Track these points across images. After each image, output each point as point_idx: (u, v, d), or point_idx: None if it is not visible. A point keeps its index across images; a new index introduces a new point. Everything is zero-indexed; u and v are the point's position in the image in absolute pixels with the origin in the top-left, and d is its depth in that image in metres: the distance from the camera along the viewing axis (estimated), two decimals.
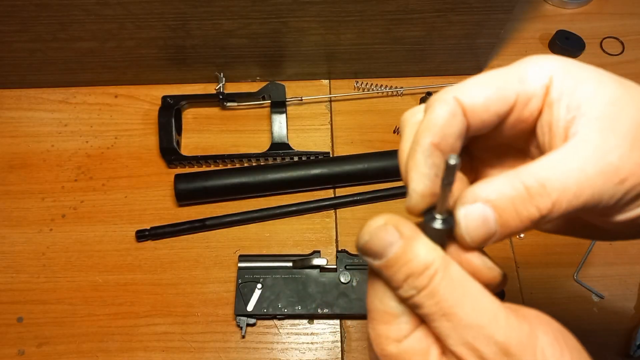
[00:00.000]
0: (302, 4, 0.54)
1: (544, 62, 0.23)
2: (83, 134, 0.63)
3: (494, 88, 0.22)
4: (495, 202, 0.20)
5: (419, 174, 0.22)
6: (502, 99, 0.22)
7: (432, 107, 0.22)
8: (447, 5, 0.56)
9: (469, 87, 0.22)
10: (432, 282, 0.20)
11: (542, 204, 0.20)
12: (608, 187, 0.20)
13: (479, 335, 0.19)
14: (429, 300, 0.20)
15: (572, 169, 0.20)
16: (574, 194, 0.20)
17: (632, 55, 0.70)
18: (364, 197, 0.58)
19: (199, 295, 0.54)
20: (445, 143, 0.22)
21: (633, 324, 0.53)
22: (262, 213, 0.58)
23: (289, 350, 0.52)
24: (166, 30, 0.57)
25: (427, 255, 0.20)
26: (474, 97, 0.22)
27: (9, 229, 0.58)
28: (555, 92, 0.22)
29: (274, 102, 0.62)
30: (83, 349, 0.52)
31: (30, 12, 0.53)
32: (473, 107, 0.22)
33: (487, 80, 0.23)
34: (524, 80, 0.22)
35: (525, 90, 0.22)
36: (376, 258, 0.21)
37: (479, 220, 0.20)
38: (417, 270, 0.20)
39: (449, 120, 0.22)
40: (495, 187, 0.20)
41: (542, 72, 0.22)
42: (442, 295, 0.20)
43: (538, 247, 0.57)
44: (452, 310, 0.20)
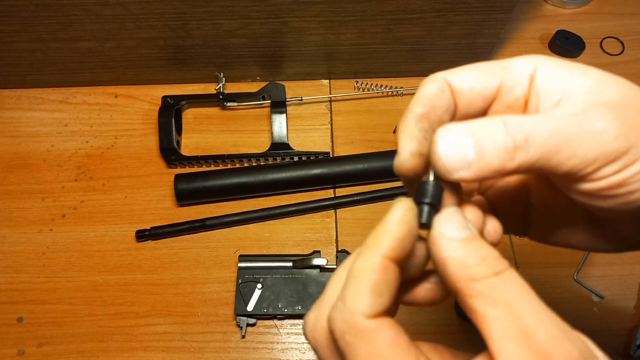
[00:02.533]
0: (302, 4, 0.54)
1: (529, 57, 0.24)
2: (83, 134, 0.63)
3: (479, 73, 0.24)
4: (475, 131, 0.21)
5: (409, 134, 0.23)
6: (486, 83, 0.24)
7: (423, 84, 0.24)
8: (447, 5, 0.56)
9: (457, 71, 0.24)
10: (510, 270, 0.20)
11: (517, 137, 0.20)
12: (584, 138, 0.20)
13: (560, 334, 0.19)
14: (511, 287, 0.19)
15: (551, 117, 0.21)
16: (548, 135, 0.20)
17: (632, 55, 0.70)
18: (364, 197, 0.58)
19: (199, 295, 0.54)
20: (434, 114, 0.23)
21: (633, 324, 0.53)
22: (262, 213, 0.58)
23: (289, 350, 0.52)
24: (166, 30, 0.57)
25: (498, 253, 0.21)
26: (461, 78, 0.24)
27: (9, 229, 0.58)
28: (540, 79, 0.24)
29: (274, 102, 0.62)
30: (83, 349, 0.52)
31: (30, 12, 0.53)
32: (459, 87, 0.24)
33: (473, 67, 0.24)
34: (508, 68, 0.24)
35: (509, 77, 0.24)
36: (455, 233, 0.21)
37: (456, 146, 0.21)
38: (494, 254, 0.20)
39: (437, 94, 0.23)
40: (477, 120, 0.21)
41: (527, 63, 0.24)
42: (520, 286, 0.19)
43: (538, 247, 0.56)
44: (531, 302, 0.19)
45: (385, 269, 0.21)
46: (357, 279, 0.21)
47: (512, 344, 0.18)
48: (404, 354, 0.20)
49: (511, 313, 0.18)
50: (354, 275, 0.21)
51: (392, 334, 0.20)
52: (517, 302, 0.19)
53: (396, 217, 0.21)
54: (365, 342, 0.20)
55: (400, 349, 0.20)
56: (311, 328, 0.23)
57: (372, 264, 0.21)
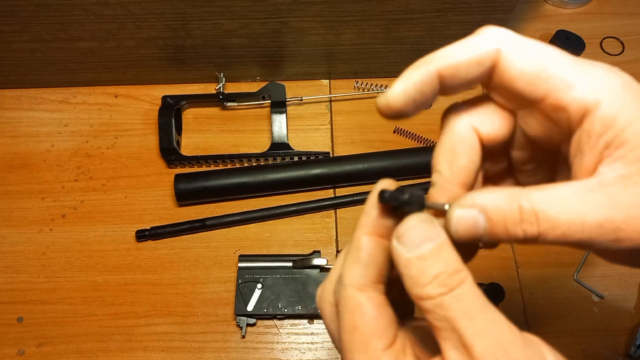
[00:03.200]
0: (302, 4, 0.54)
1: (603, 80, 0.21)
2: (83, 134, 0.63)
3: (535, 69, 0.22)
4: (489, 213, 0.21)
5: (402, 88, 0.23)
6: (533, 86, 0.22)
7: (473, 38, 0.25)
8: (447, 5, 0.56)
9: (519, 48, 0.23)
10: (463, 285, 0.20)
11: (529, 230, 0.20)
12: (602, 240, 0.20)
13: (497, 346, 0.20)
14: (456, 303, 0.20)
15: (571, 211, 0.20)
16: (562, 233, 0.20)
17: (632, 55, 0.70)
18: (364, 197, 0.58)
19: (199, 295, 0.54)
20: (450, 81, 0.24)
21: (633, 324, 0.53)
22: (262, 213, 0.58)
23: (289, 350, 0.52)
24: (166, 30, 0.57)
25: (458, 260, 0.21)
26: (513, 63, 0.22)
27: (9, 229, 0.58)
28: (598, 124, 0.20)
29: (274, 102, 0.62)
30: (83, 349, 0.52)
31: (30, 12, 0.53)
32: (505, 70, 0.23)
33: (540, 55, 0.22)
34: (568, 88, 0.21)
35: (561, 98, 0.21)
36: (412, 249, 0.21)
37: (469, 224, 0.21)
38: (450, 269, 0.21)
39: (470, 63, 0.24)
40: (494, 199, 0.21)
41: (593, 89, 0.21)
42: (469, 301, 0.20)
43: (538, 247, 0.57)
44: (475, 316, 0.20)
45: (368, 244, 0.23)
46: (347, 255, 0.24)
47: (456, 355, 0.20)
48: (379, 331, 0.22)
49: (453, 328, 0.20)
50: (347, 252, 0.24)
51: (373, 312, 0.22)
52: (459, 319, 0.20)
53: (372, 199, 0.24)
54: (348, 312, 0.22)
55: (376, 327, 0.22)
56: (318, 299, 0.26)
57: (356, 242, 0.23)
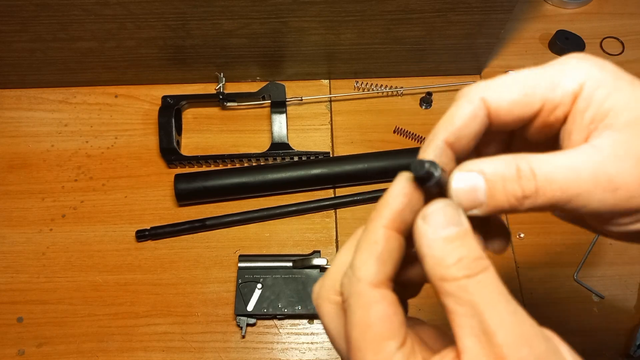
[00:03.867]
0: (302, 4, 0.54)
1: (579, 68, 0.22)
2: (83, 134, 0.63)
3: (522, 93, 0.23)
4: (488, 175, 0.21)
5: (432, 149, 0.23)
6: (528, 105, 0.23)
7: (458, 102, 0.23)
8: (447, 5, 0.56)
9: (497, 87, 0.23)
10: (487, 272, 0.20)
11: (527, 186, 0.21)
12: (597, 192, 0.21)
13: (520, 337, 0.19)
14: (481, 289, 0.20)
15: (566, 166, 0.21)
16: (559, 187, 0.21)
17: (632, 55, 0.70)
18: (364, 197, 0.58)
19: (199, 295, 0.54)
20: (459, 143, 0.23)
21: (633, 324, 0.53)
22: (262, 213, 0.58)
23: (289, 350, 0.52)
24: (166, 30, 0.57)
25: (481, 250, 0.21)
26: (500, 100, 0.23)
27: (9, 229, 0.58)
28: (582, 102, 0.22)
29: (274, 102, 0.62)
30: (83, 349, 0.52)
31: (30, 12, 0.53)
32: (498, 109, 0.23)
33: (516, 82, 0.23)
34: (554, 87, 0.22)
35: (553, 98, 0.22)
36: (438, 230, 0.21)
37: (469, 187, 0.21)
38: (474, 255, 0.20)
39: (468, 121, 0.23)
40: (493, 163, 0.21)
41: (575, 78, 0.22)
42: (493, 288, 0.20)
43: (538, 247, 0.57)
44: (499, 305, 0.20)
45: (387, 239, 0.22)
46: (362, 248, 0.22)
47: (474, 343, 0.19)
48: (393, 330, 0.21)
49: (476, 314, 0.19)
50: (360, 245, 0.22)
51: (388, 310, 0.21)
52: (483, 304, 0.19)
53: (395, 189, 0.23)
54: (362, 309, 0.21)
55: (391, 325, 0.21)
56: (315, 296, 0.25)
57: (374, 234, 0.22)
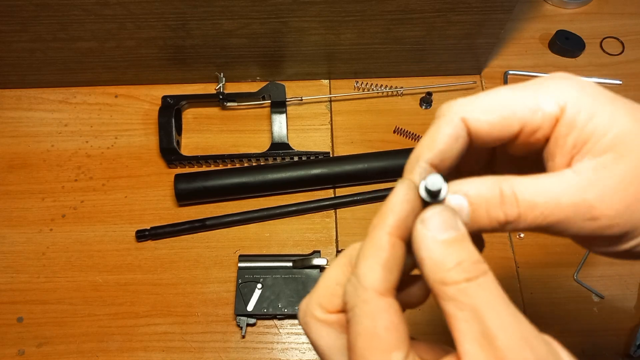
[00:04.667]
0: (302, 4, 0.54)
1: (560, 90, 0.23)
2: (83, 134, 0.63)
3: (500, 116, 0.23)
4: (472, 198, 0.22)
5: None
6: (507, 127, 0.23)
7: (438, 123, 0.24)
8: (447, 5, 0.56)
9: (476, 108, 0.23)
10: (486, 275, 0.20)
11: (509, 212, 0.22)
12: (577, 219, 0.21)
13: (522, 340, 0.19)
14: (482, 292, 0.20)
15: (548, 191, 0.21)
16: (540, 212, 0.21)
17: (632, 55, 0.70)
18: (364, 197, 0.58)
19: (199, 295, 0.54)
20: (442, 164, 0.23)
21: (633, 324, 0.53)
22: (262, 213, 0.58)
23: (289, 350, 0.52)
24: (166, 30, 0.57)
25: (479, 254, 0.21)
26: (479, 121, 0.23)
27: (9, 229, 0.58)
28: (563, 127, 0.23)
29: (274, 102, 0.62)
30: (83, 349, 0.52)
31: (30, 12, 0.53)
32: (477, 130, 0.23)
33: (495, 103, 0.23)
34: (535, 110, 0.23)
35: (532, 121, 0.23)
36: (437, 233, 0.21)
37: (454, 207, 0.22)
38: (473, 258, 0.21)
39: (450, 143, 0.23)
40: (476, 186, 0.22)
41: (556, 101, 0.23)
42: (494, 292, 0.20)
43: (538, 247, 0.57)
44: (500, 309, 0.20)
45: (393, 246, 0.22)
46: (367, 256, 0.22)
47: (475, 347, 0.19)
48: (399, 341, 0.21)
49: (477, 318, 0.19)
50: (364, 253, 0.22)
51: (395, 319, 0.21)
52: (483, 308, 0.19)
53: (398, 196, 0.23)
54: (369, 318, 0.21)
55: (398, 335, 0.21)
56: (302, 314, 0.24)
57: (379, 241, 0.22)
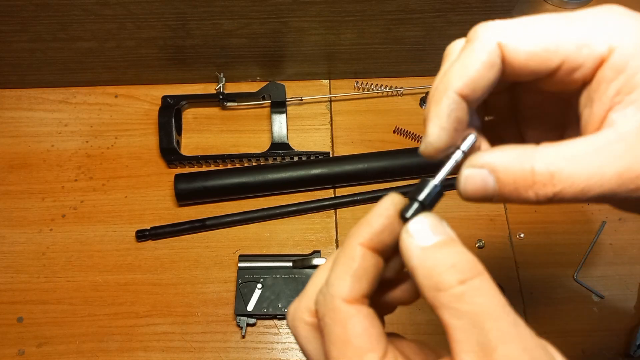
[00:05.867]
0: (302, 4, 0.54)
1: (613, 26, 0.20)
2: (83, 134, 0.63)
3: (542, 47, 0.20)
4: (500, 174, 0.20)
5: (439, 127, 0.21)
6: (547, 61, 0.20)
7: (472, 46, 0.21)
8: (447, 5, 0.56)
9: (516, 33, 0.21)
10: (482, 277, 0.19)
11: (542, 192, 0.19)
12: (622, 190, 0.19)
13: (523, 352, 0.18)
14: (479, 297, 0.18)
15: (590, 165, 0.19)
16: (581, 189, 0.19)
17: None
18: (364, 197, 0.58)
19: (199, 295, 0.54)
20: (473, 95, 0.21)
21: (633, 324, 0.53)
22: (262, 213, 0.58)
23: (289, 350, 0.52)
24: (166, 30, 0.57)
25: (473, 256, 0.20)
26: (517, 49, 0.21)
27: (9, 229, 0.58)
28: (609, 70, 0.20)
29: (274, 102, 0.62)
30: (83, 349, 0.52)
31: (30, 12, 0.53)
32: (513, 59, 0.21)
33: (538, 31, 0.21)
34: (580, 46, 0.20)
35: (575, 58, 0.20)
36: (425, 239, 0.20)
37: (479, 184, 0.20)
38: (466, 259, 0.19)
39: (484, 71, 0.21)
40: (505, 160, 0.20)
41: (606, 39, 0.20)
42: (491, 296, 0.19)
43: (538, 247, 0.57)
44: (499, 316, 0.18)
45: (363, 256, 0.22)
46: (338, 265, 0.22)
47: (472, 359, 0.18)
48: (372, 343, 0.21)
49: (475, 326, 0.18)
50: (336, 262, 0.22)
51: (365, 323, 0.21)
52: (482, 315, 0.18)
53: (378, 209, 0.22)
54: (339, 326, 0.21)
55: (370, 339, 0.21)
56: (291, 318, 0.24)
57: (351, 251, 0.22)
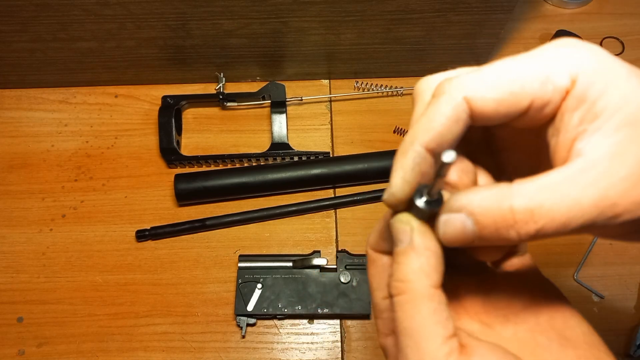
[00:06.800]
0: (302, 4, 0.54)
1: (572, 58, 0.20)
2: (83, 134, 0.63)
3: (509, 91, 0.20)
4: (478, 217, 0.19)
5: (402, 179, 0.21)
6: (516, 104, 0.20)
7: (438, 101, 0.21)
8: (447, 5, 0.56)
9: (480, 84, 0.21)
10: (405, 294, 0.21)
11: (524, 230, 0.19)
12: (601, 218, 0.19)
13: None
14: (399, 311, 0.21)
15: (567, 198, 0.18)
16: (563, 223, 0.19)
17: (632, 55, 0.70)
18: (364, 197, 0.58)
19: (199, 295, 0.54)
20: (440, 148, 0.21)
21: (633, 324, 0.53)
22: (262, 213, 0.58)
23: (289, 350, 0.52)
24: (166, 30, 0.57)
25: (413, 270, 0.21)
26: (484, 99, 0.20)
27: (9, 229, 0.58)
28: (572, 100, 0.20)
29: (274, 102, 0.62)
30: (83, 349, 0.52)
31: (30, 12, 0.53)
32: (482, 108, 0.21)
33: (502, 77, 0.20)
34: (545, 82, 0.20)
35: (543, 95, 0.20)
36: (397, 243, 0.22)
37: (458, 229, 0.20)
38: (400, 275, 0.21)
39: (450, 125, 0.21)
40: (482, 202, 0.19)
41: (567, 71, 0.20)
42: (403, 313, 0.21)
43: (538, 247, 0.57)
44: (408, 332, 0.21)
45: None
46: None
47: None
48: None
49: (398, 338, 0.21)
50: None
51: (439, 318, 0.21)
52: (399, 326, 0.21)
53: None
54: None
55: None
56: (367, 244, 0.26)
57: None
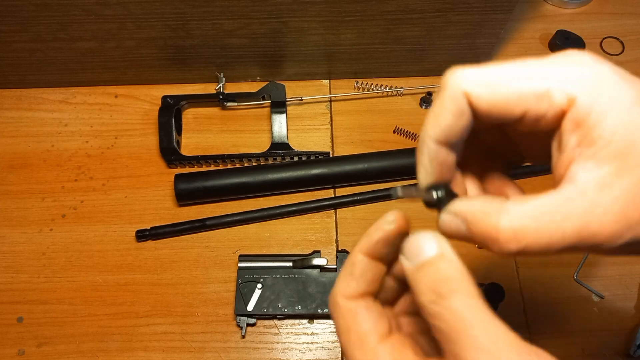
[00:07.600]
0: (302, 4, 0.54)
1: (574, 74, 0.21)
2: (83, 134, 0.63)
3: (503, 97, 0.22)
4: (469, 225, 0.22)
5: (424, 173, 0.25)
6: (508, 111, 0.22)
7: (441, 98, 0.23)
8: (447, 5, 0.56)
9: (480, 82, 0.22)
10: (454, 295, 0.21)
11: (506, 248, 0.21)
12: (582, 245, 0.21)
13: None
14: (449, 315, 0.21)
15: (551, 224, 0.20)
16: (544, 246, 0.21)
17: (632, 55, 0.70)
18: (364, 197, 0.58)
19: (199, 295, 0.54)
20: (450, 140, 0.23)
21: (633, 324, 0.53)
22: (262, 213, 0.58)
23: (289, 350, 0.52)
24: (166, 30, 0.57)
25: (457, 270, 0.22)
26: (480, 98, 0.22)
27: (9, 229, 0.58)
28: (569, 123, 0.21)
29: (274, 102, 0.62)
30: (83, 349, 0.52)
31: (30, 12, 0.53)
32: (477, 107, 0.22)
33: (501, 81, 0.22)
34: (541, 97, 0.21)
35: (537, 109, 0.21)
36: (412, 260, 0.23)
37: (453, 228, 0.23)
38: (444, 277, 0.21)
39: (453, 119, 0.23)
40: (474, 214, 0.22)
41: (566, 90, 0.21)
42: (464, 313, 0.21)
43: None
44: (467, 330, 0.20)
45: (361, 261, 0.25)
46: (343, 268, 0.26)
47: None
48: (370, 328, 0.24)
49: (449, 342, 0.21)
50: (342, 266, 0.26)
51: (364, 313, 0.24)
52: (452, 333, 0.21)
53: (378, 223, 0.25)
54: (341, 318, 0.25)
55: (368, 324, 0.24)
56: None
57: (351, 257, 0.26)
